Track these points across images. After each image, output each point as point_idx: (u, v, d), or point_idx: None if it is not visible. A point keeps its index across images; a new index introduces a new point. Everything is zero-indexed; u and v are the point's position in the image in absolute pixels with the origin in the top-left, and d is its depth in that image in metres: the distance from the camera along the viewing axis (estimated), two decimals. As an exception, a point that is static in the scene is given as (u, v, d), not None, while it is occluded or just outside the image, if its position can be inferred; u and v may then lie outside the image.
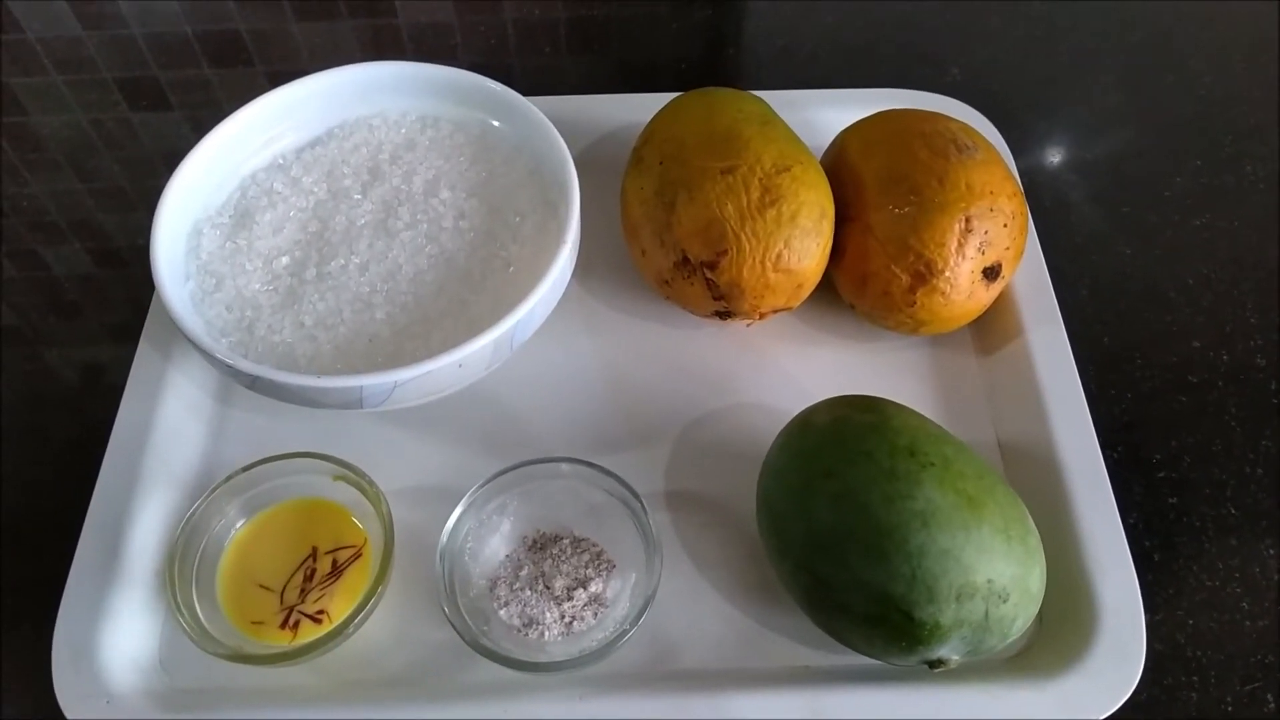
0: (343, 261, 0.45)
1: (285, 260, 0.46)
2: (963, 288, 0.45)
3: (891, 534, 0.35)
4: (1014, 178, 0.46)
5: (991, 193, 0.44)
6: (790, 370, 0.49)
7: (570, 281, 0.46)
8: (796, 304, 0.46)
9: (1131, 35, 0.68)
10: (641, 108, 0.52)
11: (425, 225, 0.47)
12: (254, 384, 0.41)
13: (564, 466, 0.42)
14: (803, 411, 0.41)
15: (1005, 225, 0.45)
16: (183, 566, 0.40)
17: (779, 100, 0.51)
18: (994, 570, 0.35)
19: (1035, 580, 0.37)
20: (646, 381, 0.49)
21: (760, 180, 0.44)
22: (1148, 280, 0.54)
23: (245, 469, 0.42)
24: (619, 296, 0.52)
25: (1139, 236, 0.56)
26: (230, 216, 0.47)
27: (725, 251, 0.44)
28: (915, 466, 0.36)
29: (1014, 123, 0.61)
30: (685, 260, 0.45)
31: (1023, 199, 0.46)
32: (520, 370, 0.48)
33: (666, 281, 0.47)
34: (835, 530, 0.36)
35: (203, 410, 0.47)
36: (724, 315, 0.47)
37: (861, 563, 0.35)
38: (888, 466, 0.36)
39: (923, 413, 0.41)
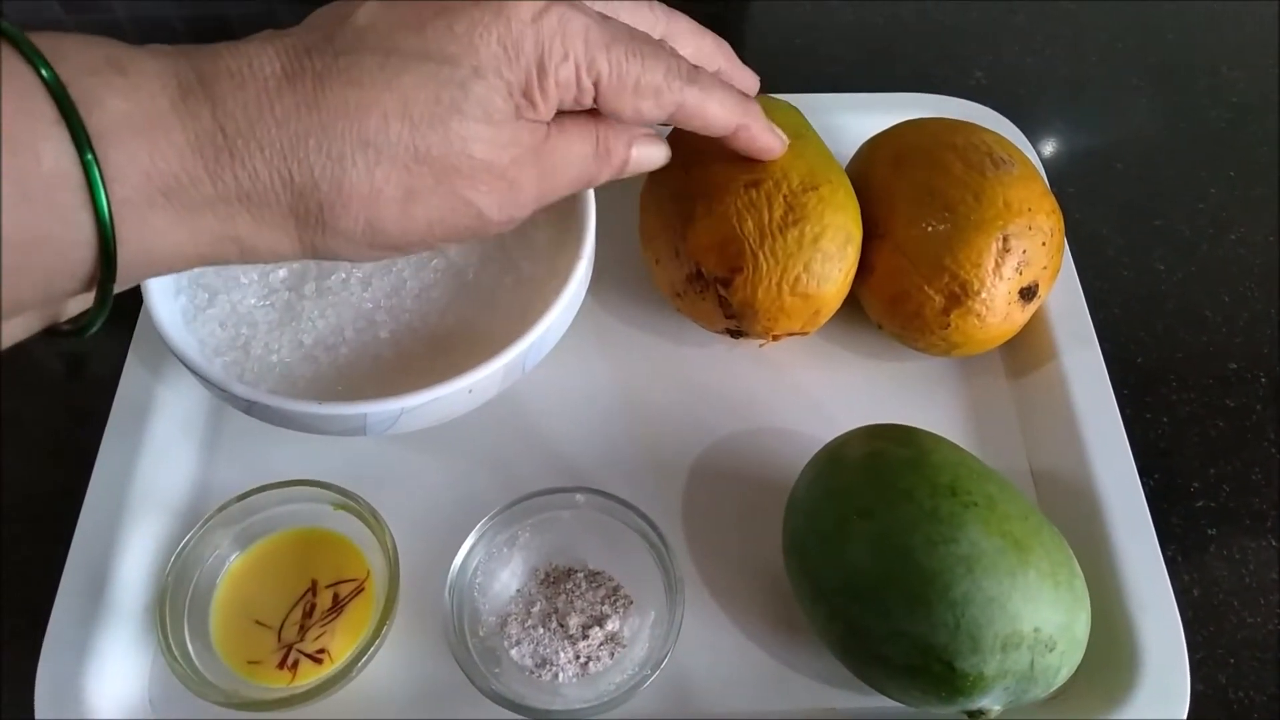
0: (344, 275, 0.43)
1: (283, 273, 0.43)
2: (999, 310, 0.42)
3: (934, 580, 0.33)
4: (1050, 194, 0.44)
5: (1029, 210, 0.42)
6: (813, 391, 0.47)
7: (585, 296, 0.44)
8: (813, 330, 0.44)
9: (1161, 36, 0.66)
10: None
11: (431, 237, 0.44)
12: (251, 409, 0.38)
13: (579, 496, 0.40)
14: (832, 442, 0.39)
15: (1043, 244, 0.43)
16: (174, 604, 0.37)
17: (798, 104, 0.48)
18: (1041, 618, 0.33)
19: (1081, 626, 0.35)
20: (664, 403, 0.46)
21: (785, 198, 0.41)
22: (1182, 297, 0.52)
23: (240, 497, 0.39)
24: (635, 309, 0.49)
25: (1173, 250, 0.54)
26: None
27: (740, 269, 0.42)
28: (958, 507, 0.34)
29: (1040, 127, 0.59)
30: (699, 274, 0.43)
31: (1060, 216, 0.44)
32: (531, 390, 0.46)
33: (679, 294, 0.45)
34: (874, 576, 0.34)
35: (194, 432, 0.45)
36: (735, 334, 0.45)
37: (902, 611, 0.33)
38: (929, 507, 0.34)
39: (953, 438, 0.39)
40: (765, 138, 0.40)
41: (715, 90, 0.35)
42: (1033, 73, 0.64)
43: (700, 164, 0.44)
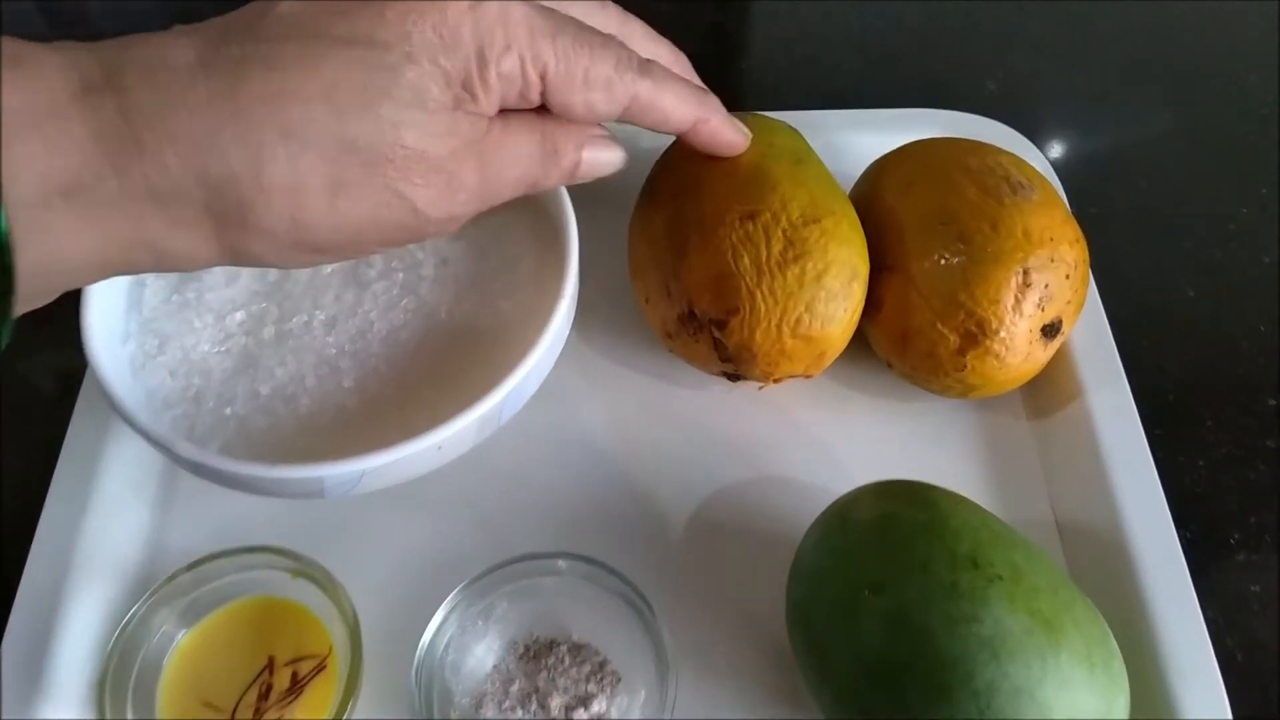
0: (306, 318, 0.39)
1: (240, 316, 0.40)
2: (1019, 349, 0.39)
3: (955, 666, 0.29)
4: (1073, 220, 0.41)
5: (1052, 240, 0.39)
6: (818, 435, 0.43)
7: (568, 333, 0.40)
8: (817, 372, 0.41)
9: (1181, 41, 0.62)
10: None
11: (401, 274, 0.41)
12: (198, 471, 0.35)
13: (561, 563, 0.36)
14: (839, 501, 0.36)
15: (1067, 276, 0.39)
16: (116, 687, 0.34)
17: (798, 122, 0.45)
18: (1075, 706, 0.29)
19: (1120, 711, 0.31)
20: (657, 451, 0.43)
21: (784, 231, 0.38)
22: (1215, 326, 0.48)
23: (190, 567, 0.36)
24: (623, 348, 0.46)
25: (1203, 274, 0.50)
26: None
27: (736, 310, 0.38)
28: (981, 581, 0.31)
29: (1056, 141, 0.56)
30: (691, 314, 0.40)
31: (1084, 245, 0.40)
32: (510, 438, 0.42)
33: (670, 334, 0.41)
34: (887, 658, 0.30)
35: (147, 490, 0.41)
36: (732, 377, 0.41)
37: (919, 700, 0.30)
38: (948, 581, 0.31)
39: (970, 488, 0.36)
40: (727, 133, 0.38)
41: (670, 82, 0.34)
42: (1047, 82, 0.60)
43: (692, 193, 0.40)
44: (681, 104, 0.34)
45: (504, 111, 0.31)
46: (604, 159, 0.34)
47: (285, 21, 0.27)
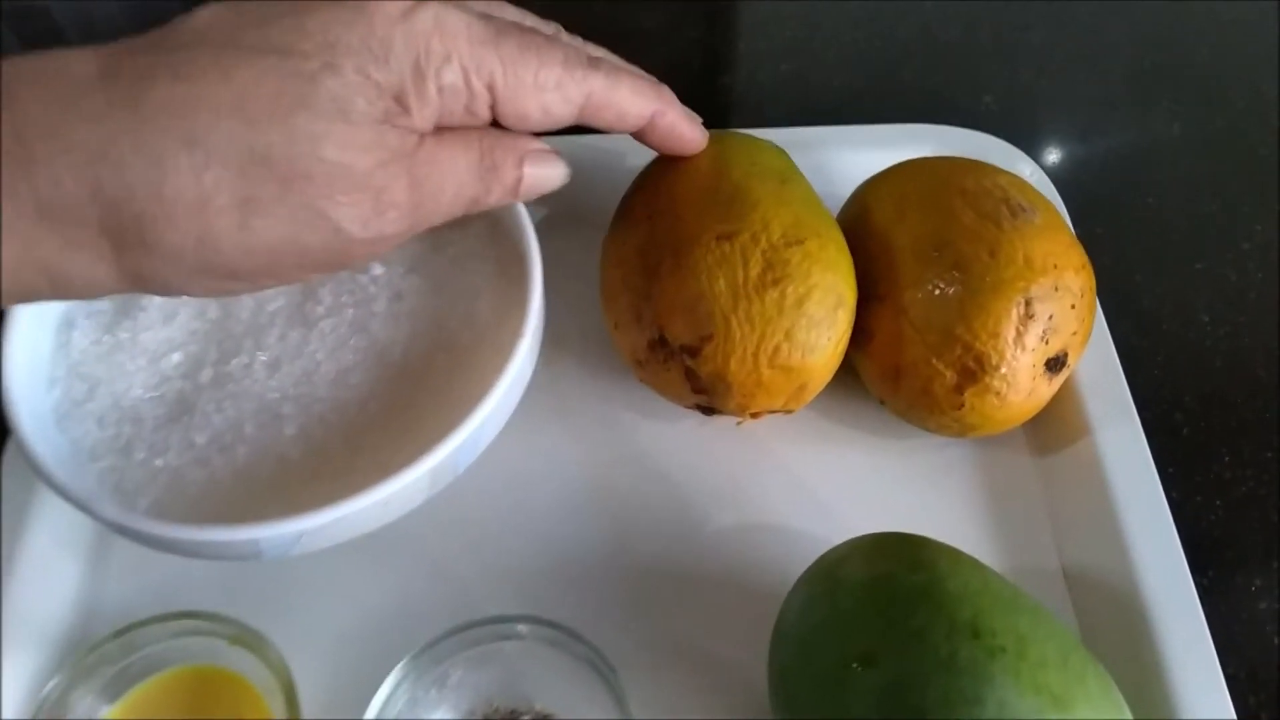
0: (246, 360, 0.36)
1: (176, 357, 0.37)
2: (1022, 386, 0.36)
3: (954, 753, 0.26)
4: (1078, 245, 0.38)
5: (1056, 267, 0.36)
6: (802, 476, 0.40)
7: (535, 365, 0.37)
8: (798, 407, 0.38)
9: (1193, 51, 0.59)
10: (641, 150, 0.42)
11: (352, 310, 0.38)
12: (123, 531, 0.32)
13: (522, 627, 0.33)
14: (826, 558, 0.33)
15: (1073, 306, 0.36)
16: (28, 774, 0.31)
17: (784, 140, 0.42)
18: (1088, 795, 0.26)
19: (1138, 795, 0.28)
20: (625, 498, 0.40)
21: (764, 253, 0.35)
22: (1231, 354, 0.45)
23: (115, 634, 0.33)
24: (594, 381, 0.43)
25: (1218, 299, 0.47)
26: (112, 301, 0.38)
27: (710, 337, 0.35)
28: (982, 654, 0.27)
29: (1059, 158, 0.53)
30: (662, 340, 0.37)
31: (1090, 271, 0.37)
32: (466, 488, 0.39)
33: (640, 363, 0.39)
34: (878, 742, 0.27)
35: (78, 547, 0.38)
36: (707, 411, 0.38)
37: (914, 791, 0.26)
38: (945, 654, 0.27)
39: (969, 533, 0.34)
40: (685, 126, 0.36)
41: (622, 75, 0.32)
42: (1048, 95, 0.57)
43: (668, 212, 0.38)
44: (637, 96, 0.32)
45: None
46: (547, 174, 0.32)
47: (199, 32, 0.26)
